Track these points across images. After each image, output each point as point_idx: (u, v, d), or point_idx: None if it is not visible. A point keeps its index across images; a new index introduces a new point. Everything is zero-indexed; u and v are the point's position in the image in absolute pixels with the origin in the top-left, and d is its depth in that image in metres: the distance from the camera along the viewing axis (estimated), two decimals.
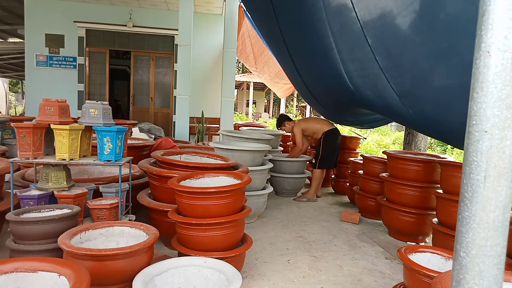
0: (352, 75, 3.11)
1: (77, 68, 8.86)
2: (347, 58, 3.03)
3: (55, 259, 1.53)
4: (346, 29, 2.79)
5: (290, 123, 5.07)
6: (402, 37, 2.35)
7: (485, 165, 0.61)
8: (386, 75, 2.60)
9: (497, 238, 0.62)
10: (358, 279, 2.53)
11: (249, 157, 3.66)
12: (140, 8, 8.94)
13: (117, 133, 2.46)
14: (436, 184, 3.25)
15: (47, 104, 2.45)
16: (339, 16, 2.82)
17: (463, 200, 0.64)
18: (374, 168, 4.05)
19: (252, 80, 19.90)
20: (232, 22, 6.84)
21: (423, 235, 3.43)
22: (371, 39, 2.54)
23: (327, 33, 3.04)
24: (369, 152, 9.46)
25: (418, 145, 5.11)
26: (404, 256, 1.99)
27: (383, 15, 2.40)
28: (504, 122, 0.60)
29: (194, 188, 2.29)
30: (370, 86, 2.97)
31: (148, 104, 9.42)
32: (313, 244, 3.15)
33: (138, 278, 1.77)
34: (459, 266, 0.64)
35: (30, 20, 8.57)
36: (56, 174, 2.49)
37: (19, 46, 10.21)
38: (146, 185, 3.21)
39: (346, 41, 2.92)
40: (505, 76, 0.60)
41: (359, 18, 2.55)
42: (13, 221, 2.02)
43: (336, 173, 5.42)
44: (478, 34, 0.63)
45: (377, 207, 3.90)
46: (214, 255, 2.16)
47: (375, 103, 3.20)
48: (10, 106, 19.66)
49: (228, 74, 6.85)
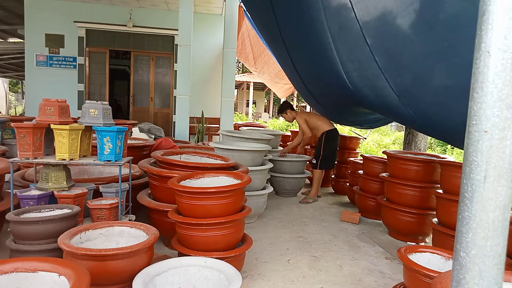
0: (351, 75, 3.10)
1: (77, 68, 8.86)
2: (346, 59, 3.03)
3: (55, 259, 1.53)
4: (345, 29, 2.79)
5: (292, 112, 4.87)
6: (401, 37, 2.35)
7: (485, 165, 0.61)
8: (386, 76, 2.59)
9: (497, 238, 0.62)
10: (358, 279, 2.53)
11: (249, 157, 3.66)
12: (140, 8, 8.94)
13: (117, 133, 2.46)
14: (436, 184, 3.25)
15: (47, 104, 2.45)
16: (338, 16, 2.82)
17: (463, 200, 0.64)
18: (374, 168, 4.05)
19: (252, 80, 19.89)
20: (232, 22, 6.84)
21: (423, 235, 3.43)
22: (370, 39, 2.54)
23: (326, 34, 3.03)
24: (369, 152, 9.46)
25: (418, 145, 5.11)
26: (404, 256, 1.99)
27: (383, 15, 2.40)
28: (504, 122, 0.60)
29: (194, 188, 2.29)
30: (369, 86, 2.97)
31: (148, 104, 9.42)
32: (313, 244, 3.15)
33: (138, 278, 1.77)
34: (459, 266, 0.64)
35: (30, 20, 8.57)
36: (56, 174, 2.49)
37: (19, 46, 10.20)
38: (146, 185, 3.21)
39: (345, 42, 2.92)
40: (505, 76, 0.60)
41: (358, 19, 2.55)
42: (13, 221, 2.02)
43: (336, 173, 5.42)
44: (478, 34, 0.63)
45: (377, 207, 3.90)
46: (214, 255, 2.16)
47: (374, 103, 3.21)
48: (10, 106, 19.66)
49: (228, 74, 6.86)
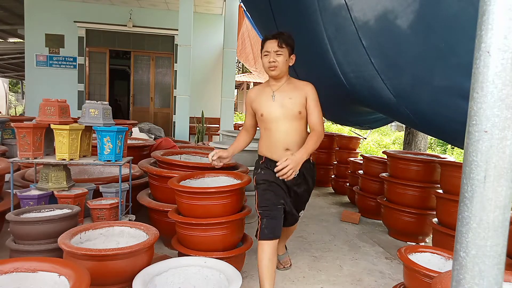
0: (348, 76, 3.10)
1: (77, 68, 8.87)
2: (343, 60, 3.03)
3: (55, 259, 1.53)
4: (341, 31, 2.79)
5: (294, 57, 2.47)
6: (397, 38, 2.35)
7: (485, 165, 0.61)
8: (382, 77, 2.59)
9: (497, 238, 0.62)
10: (358, 279, 2.54)
11: (249, 157, 3.65)
12: (140, 8, 8.94)
13: (117, 133, 2.46)
14: (436, 184, 3.25)
15: (47, 104, 2.45)
16: (334, 18, 2.81)
17: (463, 200, 0.64)
18: (374, 168, 4.05)
19: (252, 80, 19.86)
20: (232, 22, 6.85)
21: (423, 235, 3.43)
22: (366, 41, 2.54)
23: (323, 35, 3.03)
24: (369, 152, 9.46)
25: (418, 145, 5.11)
26: (404, 256, 1.99)
27: (379, 16, 2.40)
28: (504, 122, 0.60)
29: (194, 188, 2.29)
30: (366, 87, 2.97)
31: (148, 104, 9.42)
32: (313, 244, 3.15)
33: (138, 278, 1.77)
34: (459, 266, 0.64)
35: (30, 20, 8.57)
36: (56, 174, 2.49)
37: (19, 46, 10.21)
38: (146, 185, 3.21)
39: (341, 43, 2.92)
40: (505, 76, 0.60)
41: (353, 20, 2.54)
42: (13, 221, 2.02)
43: (336, 173, 5.42)
44: (478, 34, 0.63)
45: (377, 207, 3.90)
46: (214, 255, 2.16)
47: (373, 103, 3.21)
48: (10, 106, 19.66)
49: (228, 74, 6.86)
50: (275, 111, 2.12)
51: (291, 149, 2.11)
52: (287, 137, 2.12)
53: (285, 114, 2.11)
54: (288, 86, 2.16)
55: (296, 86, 2.16)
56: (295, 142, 2.12)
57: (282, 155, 2.05)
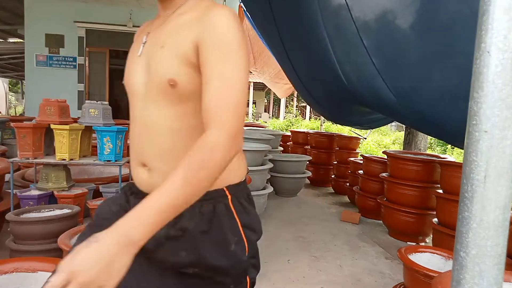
0: (349, 76, 3.11)
1: (77, 68, 8.86)
2: (343, 60, 3.03)
3: (55, 259, 1.53)
4: (342, 30, 2.79)
5: None
6: (398, 38, 2.35)
7: (485, 165, 0.61)
8: (383, 77, 2.59)
9: (497, 238, 0.61)
10: (358, 279, 2.53)
11: (249, 157, 3.66)
12: (140, 8, 8.94)
13: (117, 133, 2.46)
14: (436, 184, 3.25)
15: (47, 104, 2.45)
16: (334, 17, 2.82)
17: (463, 200, 0.64)
18: (374, 168, 4.05)
19: (252, 80, 19.82)
20: None
21: (423, 235, 3.43)
22: (367, 41, 2.54)
23: (323, 35, 3.03)
24: (369, 152, 9.46)
25: (418, 145, 5.11)
26: (404, 256, 1.99)
27: (379, 16, 2.40)
28: (504, 122, 0.60)
29: None
30: (367, 87, 2.97)
31: None
32: (313, 244, 3.15)
33: None
34: (459, 266, 0.64)
35: (30, 20, 8.57)
36: (56, 174, 2.49)
37: (19, 46, 10.21)
38: None
39: (342, 43, 2.92)
40: (505, 76, 0.60)
41: (354, 20, 2.55)
42: (13, 221, 2.02)
43: (336, 173, 5.42)
44: (478, 34, 0.63)
45: (377, 207, 3.90)
46: None
47: (373, 103, 3.21)
48: (10, 106, 19.66)
49: None
50: (135, 79, 0.95)
51: (149, 165, 0.92)
52: (146, 137, 0.92)
53: (148, 86, 0.91)
54: (176, 19, 0.90)
55: (189, 20, 0.87)
56: (165, 149, 0.90)
57: (136, 177, 0.96)
